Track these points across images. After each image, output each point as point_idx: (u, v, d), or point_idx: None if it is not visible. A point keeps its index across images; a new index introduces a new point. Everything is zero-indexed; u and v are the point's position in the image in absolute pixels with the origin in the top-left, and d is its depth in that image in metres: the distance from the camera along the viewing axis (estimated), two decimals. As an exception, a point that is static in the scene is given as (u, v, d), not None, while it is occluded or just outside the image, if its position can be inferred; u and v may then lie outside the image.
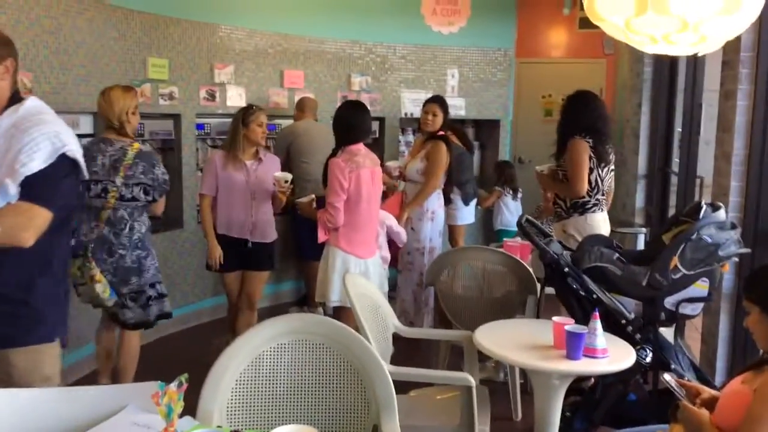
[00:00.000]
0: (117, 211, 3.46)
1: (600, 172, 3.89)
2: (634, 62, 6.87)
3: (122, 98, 3.50)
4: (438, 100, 4.95)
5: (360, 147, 3.73)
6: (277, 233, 4.29)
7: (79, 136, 4.24)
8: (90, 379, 4.17)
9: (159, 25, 4.81)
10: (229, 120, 5.34)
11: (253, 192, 4.09)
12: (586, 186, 3.82)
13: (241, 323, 4.16)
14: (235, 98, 5.41)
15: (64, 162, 2.13)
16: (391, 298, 5.09)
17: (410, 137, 6.75)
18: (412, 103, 6.48)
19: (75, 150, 2.18)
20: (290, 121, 5.60)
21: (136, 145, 3.51)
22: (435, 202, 4.76)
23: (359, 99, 6.04)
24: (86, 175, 2.31)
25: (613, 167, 4.06)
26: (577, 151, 3.83)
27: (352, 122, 3.74)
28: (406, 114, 6.56)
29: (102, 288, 3.43)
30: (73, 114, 4.23)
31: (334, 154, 3.76)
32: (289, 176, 4.06)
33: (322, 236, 3.72)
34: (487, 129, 7.17)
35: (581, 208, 3.91)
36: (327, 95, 6.05)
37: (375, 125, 6.43)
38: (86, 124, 4.40)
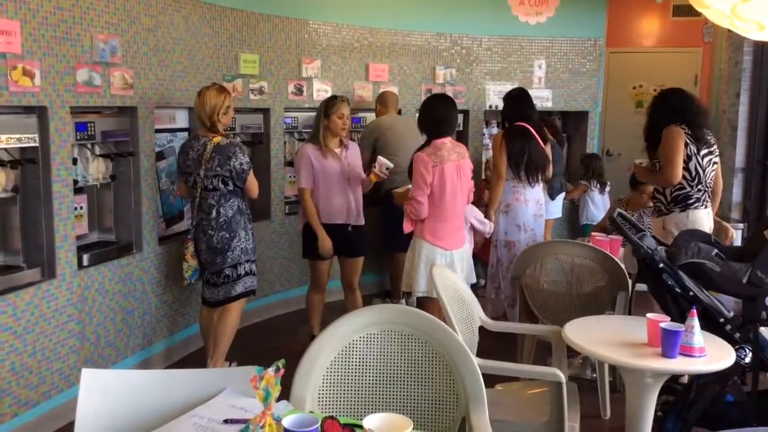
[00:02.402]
0: (206, 200, 3.83)
1: (699, 160, 3.81)
2: (732, 51, 6.56)
3: (214, 98, 3.80)
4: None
5: (446, 141, 3.78)
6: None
7: (175, 130, 4.51)
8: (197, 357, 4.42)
9: (250, 22, 4.94)
10: (314, 113, 5.50)
11: (347, 178, 4.26)
12: (679, 173, 3.78)
13: (348, 306, 4.38)
14: (322, 92, 5.49)
15: None
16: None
17: (494, 130, 6.68)
18: (497, 95, 6.40)
19: None
20: (373, 118, 5.64)
21: (216, 139, 3.80)
22: (509, 194, 4.62)
23: (444, 91, 6.06)
24: None
25: (716, 160, 3.94)
26: (671, 137, 3.79)
27: (438, 116, 3.81)
28: (491, 106, 6.48)
29: (186, 267, 3.92)
30: (170, 108, 4.40)
31: (422, 147, 3.79)
32: (391, 165, 4.24)
33: (407, 227, 3.83)
34: (574, 121, 7.01)
35: (683, 202, 3.83)
36: (411, 88, 6.06)
37: (459, 118, 6.40)
38: (182, 119, 4.57)
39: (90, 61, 3.63)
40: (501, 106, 6.36)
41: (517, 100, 4.78)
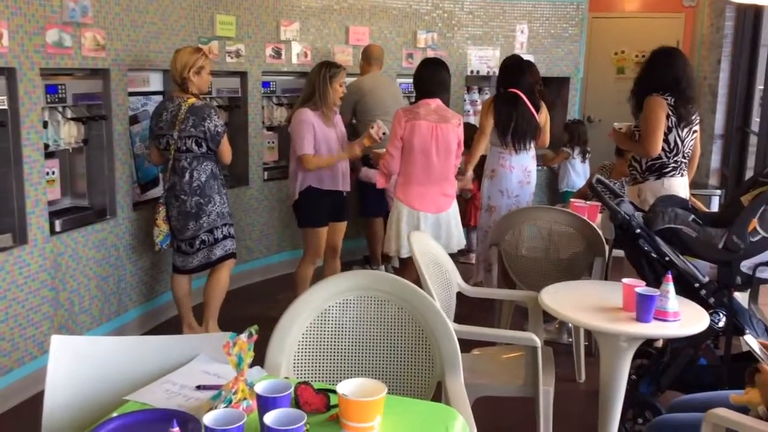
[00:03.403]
0: (179, 162, 3.79)
1: (680, 132, 3.71)
2: (714, 16, 6.55)
3: (186, 56, 3.77)
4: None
5: (430, 101, 3.89)
6: None
7: (149, 93, 4.42)
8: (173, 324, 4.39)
9: (226, -18, 4.82)
10: (295, 78, 5.43)
11: (341, 144, 4.23)
12: (658, 146, 3.68)
13: (328, 272, 4.34)
14: (301, 56, 5.41)
15: None
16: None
17: (475, 95, 6.63)
18: (479, 60, 6.34)
19: None
20: (354, 79, 5.56)
21: (191, 100, 3.76)
22: (495, 160, 4.66)
23: (425, 56, 5.99)
24: None
25: (696, 129, 3.86)
26: (651, 108, 3.68)
27: (425, 78, 3.96)
28: (472, 72, 6.42)
29: (157, 233, 3.88)
30: (144, 71, 4.30)
31: None
32: (387, 130, 4.21)
33: (380, 182, 4.03)
34: (556, 87, 6.96)
35: (658, 171, 3.77)
36: (392, 52, 5.97)
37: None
38: (156, 82, 4.47)
39: (60, 21, 3.52)
40: (483, 71, 6.38)
41: (510, 68, 4.74)
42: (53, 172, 3.74)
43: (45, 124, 3.58)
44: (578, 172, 6.37)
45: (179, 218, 3.83)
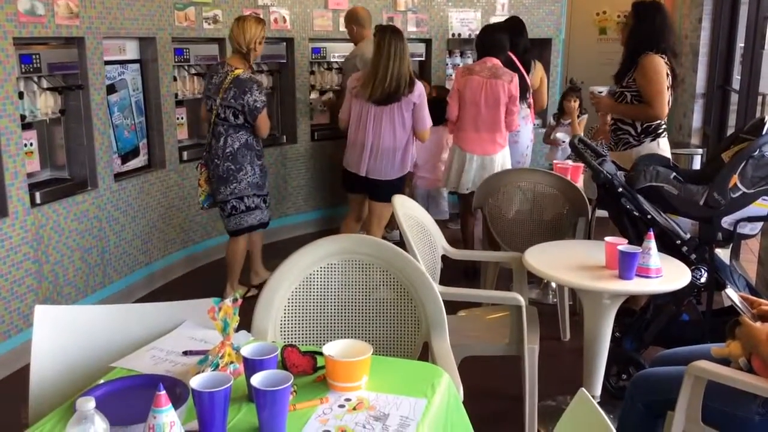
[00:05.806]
0: (217, 126, 3.97)
1: (672, 92, 3.58)
2: (695, -26, 6.51)
3: (254, 27, 3.94)
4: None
5: (486, 60, 4.46)
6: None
7: (126, 61, 4.34)
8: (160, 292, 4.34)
9: (201, -54, 4.71)
10: (271, 44, 5.35)
11: None
12: (666, 107, 3.51)
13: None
14: (280, 21, 5.32)
15: None
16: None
17: (458, 59, 6.57)
18: (460, 23, 6.28)
19: None
20: (336, 45, 5.47)
21: (237, 71, 3.91)
22: None
23: (406, 20, 5.93)
24: None
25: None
26: (655, 69, 3.47)
27: (483, 41, 4.58)
28: (453, 35, 6.36)
29: (200, 192, 4.13)
30: (119, 39, 4.22)
31: None
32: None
33: (450, 128, 4.67)
34: (538, 48, 6.90)
35: (653, 132, 3.60)
36: (372, 16, 5.88)
37: (421, 47, 6.27)
38: (132, 49, 4.39)
39: (31, -12, 3.45)
40: (465, 34, 6.31)
41: (505, 30, 4.78)
42: (31, 144, 3.69)
43: (21, 95, 3.52)
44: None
45: (213, 180, 4.01)
